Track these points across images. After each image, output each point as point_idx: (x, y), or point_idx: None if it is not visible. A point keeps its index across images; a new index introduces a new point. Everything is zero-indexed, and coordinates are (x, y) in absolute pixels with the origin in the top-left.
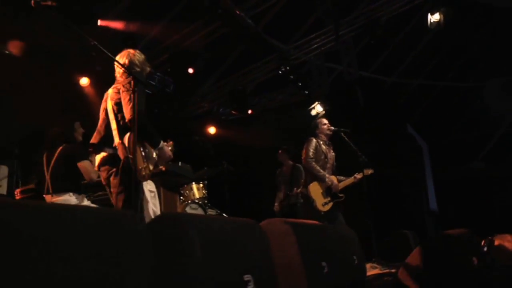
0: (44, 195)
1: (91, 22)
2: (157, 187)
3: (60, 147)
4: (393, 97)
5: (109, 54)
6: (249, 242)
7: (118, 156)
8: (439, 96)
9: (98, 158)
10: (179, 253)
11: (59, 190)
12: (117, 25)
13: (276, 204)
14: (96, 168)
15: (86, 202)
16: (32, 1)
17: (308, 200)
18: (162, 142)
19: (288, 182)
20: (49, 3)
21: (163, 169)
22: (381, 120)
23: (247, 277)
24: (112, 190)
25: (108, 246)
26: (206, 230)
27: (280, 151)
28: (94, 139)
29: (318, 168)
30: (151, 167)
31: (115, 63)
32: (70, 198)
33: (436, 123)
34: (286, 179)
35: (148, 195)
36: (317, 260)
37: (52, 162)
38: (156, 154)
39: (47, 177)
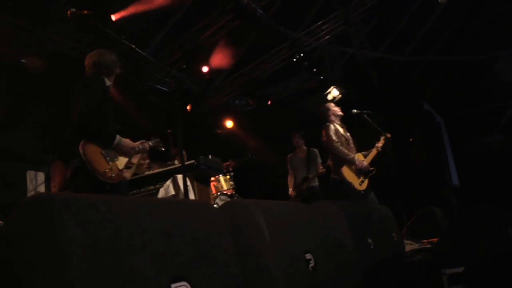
0: None
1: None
2: (191, 181)
3: None
4: (407, 75)
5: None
6: (306, 223)
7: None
8: (453, 70)
9: None
10: (249, 235)
11: None
12: (131, 10)
13: (290, 189)
14: None
15: None
16: (69, 12)
17: (344, 184)
18: (117, 138)
19: (305, 166)
20: (85, 12)
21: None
22: (397, 99)
23: (308, 256)
24: None
25: (197, 230)
26: (270, 213)
27: (296, 136)
28: None
29: (346, 151)
30: (120, 166)
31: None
32: None
33: (451, 97)
34: (302, 163)
35: (183, 189)
36: (364, 238)
37: None
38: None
39: None
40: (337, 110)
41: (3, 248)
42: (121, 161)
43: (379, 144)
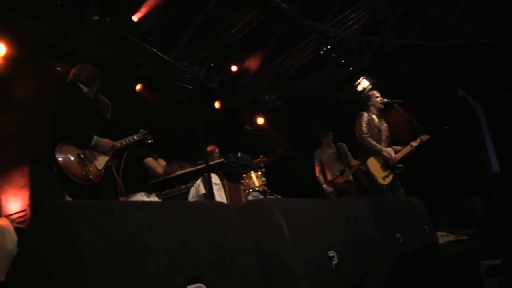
0: (120, 198)
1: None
2: (221, 179)
3: (126, 152)
4: (439, 61)
5: (162, 55)
6: (328, 220)
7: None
8: (488, 53)
9: None
10: (268, 235)
11: (131, 191)
12: (147, 7)
13: (325, 185)
14: None
15: (156, 200)
16: (93, 19)
17: (368, 175)
18: (94, 138)
19: (338, 161)
20: (106, 19)
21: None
22: (429, 86)
23: (331, 253)
24: None
25: (213, 231)
26: (290, 212)
27: (330, 133)
28: None
29: (374, 143)
30: (99, 166)
31: None
32: (142, 198)
33: (487, 81)
34: (334, 158)
35: (214, 188)
36: (392, 232)
37: (122, 166)
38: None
39: (119, 181)
40: (378, 101)
41: (28, 252)
42: (101, 161)
43: (414, 144)
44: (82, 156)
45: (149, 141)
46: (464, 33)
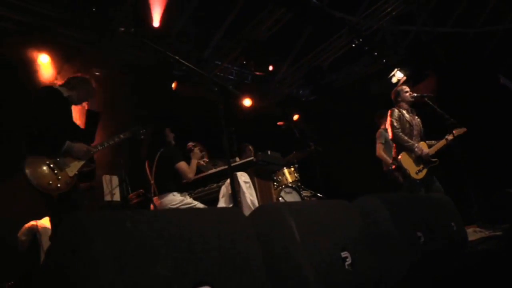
0: (153, 197)
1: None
2: (251, 178)
3: (158, 153)
4: (478, 49)
5: (184, 62)
6: (342, 221)
7: None
8: None
9: None
10: (279, 238)
11: (164, 191)
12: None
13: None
14: None
15: (188, 199)
16: (120, 31)
17: (401, 170)
18: (66, 144)
19: None
20: (131, 31)
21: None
22: (468, 76)
23: (344, 254)
24: None
25: (222, 236)
26: (302, 215)
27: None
28: None
29: (406, 138)
30: (71, 173)
31: None
32: (174, 197)
33: None
34: None
35: (243, 186)
36: (412, 231)
37: (154, 167)
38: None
39: (152, 181)
40: (407, 95)
41: (51, 256)
42: (73, 167)
43: (449, 137)
44: (51, 165)
45: (142, 137)
46: (504, 18)
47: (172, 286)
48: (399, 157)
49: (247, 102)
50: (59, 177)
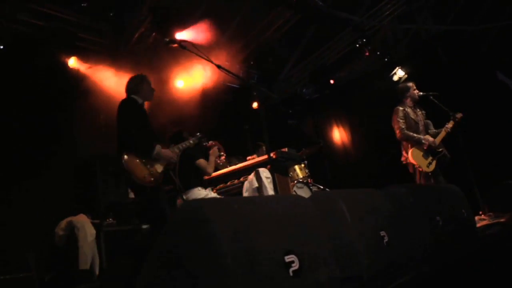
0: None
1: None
2: (271, 173)
3: (180, 152)
4: (477, 45)
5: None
6: (377, 206)
7: None
8: None
9: None
10: (334, 219)
11: (188, 187)
12: (192, 34)
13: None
14: None
15: (212, 194)
16: (165, 42)
17: (413, 165)
18: (156, 148)
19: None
20: (175, 45)
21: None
22: (467, 72)
23: (382, 233)
24: None
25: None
26: (349, 200)
27: None
28: None
29: (412, 134)
30: (159, 169)
31: None
32: (200, 192)
33: None
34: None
35: (265, 181)
36: (433, 216)
37: (177, 165)
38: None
39: (176, 179)
40: (415, 92)
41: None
42: (161, 165)
43: (449, 125)
44: (144, 160)
45: (205, 144)
46: (502, 15)
47: (270, 253)
48: (410, 153)
49: (253, 104)
50: (151, 172)
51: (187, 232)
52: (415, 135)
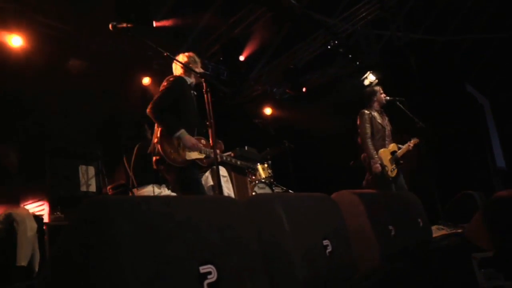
0: (132, 189)
1: (148, 24)
2: (228, 172)
3: (136, 146)
4: (447, 56)
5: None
6: (324, 212)
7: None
8: (496, 49)
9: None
10: (270, 226)
11: (142, 183)
12: (170, 22)
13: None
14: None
15: (167, 192)
16: (110, 25)
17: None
18: (180, 131)
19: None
20: (124, 25)
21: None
22: (437, 81)
23: (325, 242)
24: None
25: (223, 222)
26: (290, 205)
27: None
28: None
29: (373, 150)
30: (181, 152)
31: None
32: (150, 190)
33: (496, 78)
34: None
35: (221, 180)
36: (384, 225)
37: (132, 160)
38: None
39: (130, 173)
40: (383, 97)
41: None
42: (194, 154)
43: (411, 143)
44: (173, 142)
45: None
46: (473, 28)
47: (182, 264)
48: (379, 153)
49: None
50: (180, 153)
51: (85, 234)
52: (372, 151)
